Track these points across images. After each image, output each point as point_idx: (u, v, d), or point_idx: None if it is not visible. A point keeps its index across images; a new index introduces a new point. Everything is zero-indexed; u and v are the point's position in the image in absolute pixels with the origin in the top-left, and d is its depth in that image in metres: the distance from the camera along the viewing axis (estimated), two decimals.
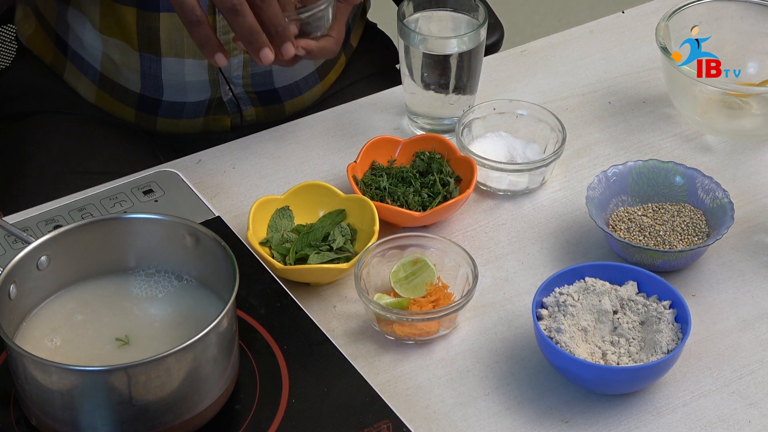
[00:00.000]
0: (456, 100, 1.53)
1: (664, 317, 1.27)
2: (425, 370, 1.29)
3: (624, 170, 1.43)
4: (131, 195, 1.42)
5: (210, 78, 1.63)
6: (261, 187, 1.49)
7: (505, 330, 1.33)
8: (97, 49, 1.63)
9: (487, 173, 1.47)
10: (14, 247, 1.35)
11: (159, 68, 1.61)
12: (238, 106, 1.68)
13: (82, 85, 1.68)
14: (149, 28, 1.58)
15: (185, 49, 1.60)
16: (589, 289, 1.30)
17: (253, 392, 1.21)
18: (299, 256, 1.37)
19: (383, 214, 1.40)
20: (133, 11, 1.57)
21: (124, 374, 1.10)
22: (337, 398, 1.21)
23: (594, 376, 1.24)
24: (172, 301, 1.23)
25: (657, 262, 1.36)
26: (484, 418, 1.25)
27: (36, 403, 1.14)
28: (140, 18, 1.57)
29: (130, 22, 1.58)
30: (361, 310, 1.35)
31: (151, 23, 1.57)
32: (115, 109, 1.69)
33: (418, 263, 1.35)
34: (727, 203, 1.39)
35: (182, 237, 1.23)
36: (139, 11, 1.57)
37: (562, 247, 1.42)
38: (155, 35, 1.58)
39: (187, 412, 1.15)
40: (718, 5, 1.59)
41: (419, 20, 1.53)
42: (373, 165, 1.47)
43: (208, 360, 1.14)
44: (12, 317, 1.18)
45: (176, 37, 1.58)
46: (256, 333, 1.27)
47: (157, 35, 1.58)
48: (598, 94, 1.63)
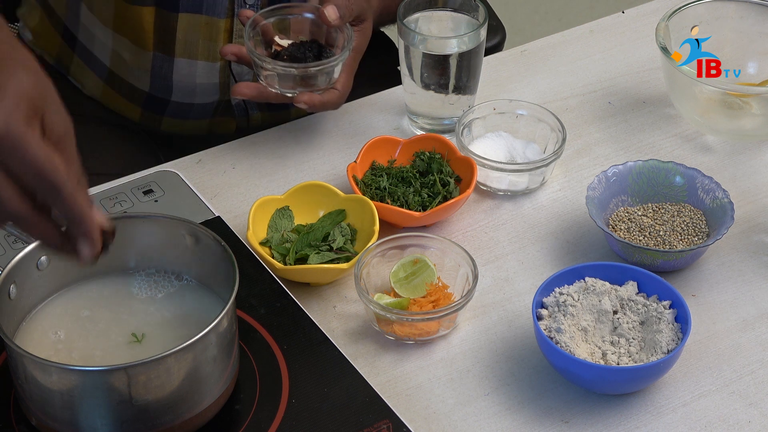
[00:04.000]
0: (456, 100, 1.53)
1: (664, 317, 1.27)
2: (425, 370, 1.29)
3: (624, 170, 1.43)
4: (131, 195, 1.42)
5: (220, 81, 1.63)
6: (261, 187, 1.49)
7: (505, 330, 1.33)
8: (107, 45, 1.63)
9: (487, 173, 1.47)
10: (14, 247, 1.35)
11: (171, 69, 1.62)
12: (245, 110, 1.68)
13: (88, 80, 1.68)
14: (166, 29, 1.58)
15: (199, 51, 1.60)
16: (589, 289, 1.30)
17: (253, 392, 1.21)
18: (299, 256, 1.37)
19: (383, 214, 1.40)
20: (151, 11, 1.57)
21: (124, 374, 1.10)
22: (337, 398, 1.21)
23: (594, 376, 1.24)
24: (172, 301, 1.23)
25: (657, 262, 1.36)
26: (484, 418, 1.25)
27: (36, 403, 1.14)
28: (158, 17, 1.57)
29: (148, 22, 1.58)
30: (361, 310, 1.35)
31: (169, 23, 1.57)
32: (120, 106, 1.69)
33: (418, 263, 1.35)
34: (727, 203, 1.39)
35: (182, 237, 1.23)
36: (158, 10, 1.57)
37: (562, 247, 1.42)
38: (171, 35, 1.58)
39: (187, 412, 1.15)
40: (718, 5, 1.59)
41: (419, 20, 1.53)
42: (373, 165, 1.47)
43: (208, 360, 1.14)
44: (12, 317, 1.18)
45: (191, 39, 1.59)
46: (256, 333, 1.27)
47: (173, 35, 1.58)
48: (598, 94, 1.63)
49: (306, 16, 1.49)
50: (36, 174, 1.01)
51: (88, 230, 1.05)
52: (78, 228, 1.05)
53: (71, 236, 1.06)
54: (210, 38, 1.59)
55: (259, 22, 1.47)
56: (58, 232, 1.06)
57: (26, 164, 1.01)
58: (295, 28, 1.50)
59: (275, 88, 1.46)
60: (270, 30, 1.49)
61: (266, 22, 1.48)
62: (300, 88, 1.45)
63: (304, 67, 1.44)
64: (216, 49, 1.60)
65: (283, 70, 1.44)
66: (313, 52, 1.46)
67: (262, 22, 1.48)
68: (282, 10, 1.49)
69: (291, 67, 1.44)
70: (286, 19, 1.49)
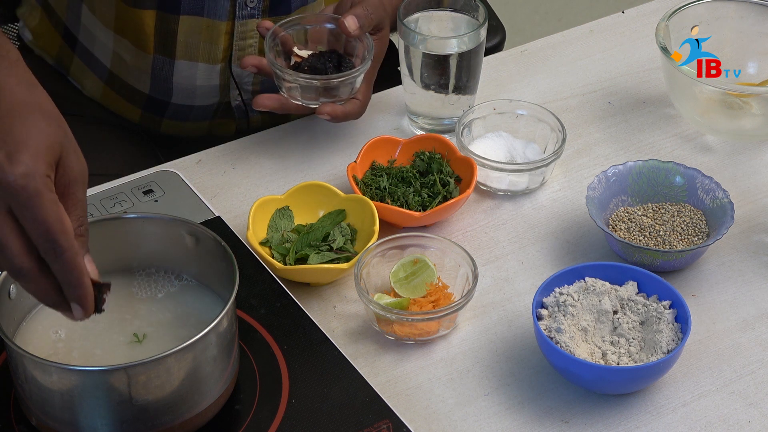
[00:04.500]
0: (456, 100, 1.53)
1: (664, 317, 1.27)
2: (425, 370, 1.29)
3: (624, 170, 1.43)
4: (131, 195, 1.42)
5: (221, 83, 1.63)
6: (261, 187, 1.49)
7: (505, 330, 1.33)
8: (108, 47, 1.63)
9: (487, 173, 1.47)
10: None
11: (171, 71, 1.62)
12: (245, 112, 1.68)
13: (88, 81, 1.68)
14: (167, 31, 1.58)
15: (199, 53, 1.60)
16: (589, 289, 1.30)
17: (253, 392, 1.21)
18: (299, 256, 1.37)
19: (383, 214, 1.40)
20: (152, 14, 1.57)
21: (124, 374, 1.10)
22: (337, 398, 1.21)
23: (594, 376, 1.24)
24: (172, 301, 1.23)
25: (657, 262, 1.36)
26: (484, 418, 1.25)
27: (36, 403, 1.14)
28: (159, 20, 1.57)
29: (149, 25, 1.57)
30: (361, 310, 1.35)
31: (170, 25, 1.57)
32: (120, 108, 1.69)
33: (418, 263, 1.35)
34: (727, 203, 1.39)
35: (182, 237, 1.23)
36: (159, 13, 1.57)
37: (562, 247, 1.42)
38: (172, 38, 1.58)
39: (187, 412, 1.15)
40: (718, 5, 1.59)
41: (419, 20, 1.53)
42: (373, 165, 1.47)
43: (208, 360, 1.14)
44: (12, 317, 1.18)
45: (192, 41, 1.59)
46: (256, 333, 1.27)
47: (174, 38, 1.58)
48: (598, 94, 1.63)
49: (325, 27, 1.49)
50: (44, 234, 1.03)
51: (82, 296, 1.06)
52: (73, 292, 1.06)
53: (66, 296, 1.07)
54: (211, 40, 1.59)
55: (278, 33, 1.47)
56: (57, 290, 1.06)
57: (37, 222, 1.03)
58: (313, 38, 1.50)
59: (297, 100, 1.46)
60: (289, 41, 1.48)
61: (285, 33, 1.48)
62: (322, 99, 1.45)
63: (326, 78, 1.44)
64: (216, 52, 1.60)
65: (305, 82, 1.44)
66: (333, 62, 1.46)
67: (281, 33, 1.48)
68: (301, 20, 1.49)
69: (314, 79, 1.44)
70: (305, 30, 1.49)
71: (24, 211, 1.03)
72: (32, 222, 1.03)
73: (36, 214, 1.02)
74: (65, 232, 1.04)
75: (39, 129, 1.05)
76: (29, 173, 1.02)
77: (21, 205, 1.02)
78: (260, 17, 1.57)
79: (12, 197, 1.02)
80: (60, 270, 1.05)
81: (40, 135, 1.05)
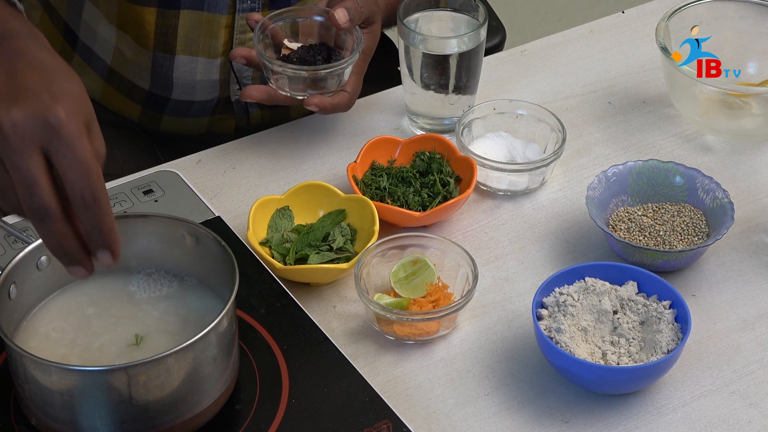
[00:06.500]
0: (456, 100, 1.53)
1: (664, 317, 1.27)
2: (425, 370, 1.29)
3: (624, 170, 1.43)
4: (131, 195, 1.42)
5: (221, 77, 1.63)
6: (261, 187, 1.49)
7: (505, 330, 1.33)
8: (110, 42, 1.64)
9: (487, 173, 1.47)
10: (14, 247, 1.35)
11: (171, 66, 1.62)
12: (245, 108, 1.68)
13: (88, 78, 1.68)
14: (168, 27, 1.58)
15: (200, 48, 1.60)
16: (589, 289, 1.30)
17: (253, 392, 1.21)
18: (299, 256, 1.37)
19: (383, 214, 1.40)
20: (153, 11, 1.57)
21: (124, 374, 1.10)
22: (337, 398, 1.21)
23: (594, 376, 1.24)
24: (172, 301, 1.23)
25: (657, 262, 1.36)
26: (484, 418, 1.25)
27: (36, 403, 1.14)
28: (160, 17, 1.57)
29: (149, 22, 1.58)
30: (361, 310, 1.35)
31: (171, 21, 1.58)
32: (120, 106, 1.69)
33: (418, 263, 1.35)
34: (727, 203, 1.39)
35: (182, 237, 1.23)
36: (159, 10, 1.57)
37: (562, 247, 1.42)
38: (173, 33, 1.58)
39: (187, 412, 1.15)
40: (718, 5, 1.59)
41: (419, 20, 1.53)
42: (373, 165, 1.47)
43: (208, 360, 1.14)
44: (12, 317, 1.18)
45: (193, 35, 1.59)
46: (256, 333, 1.27)
47: (174, 33, 1.58)
48: (598, 94, 1.63)
49: (315, 19, 1.49)
50: (84, 173, 1.01)
51: (114, 240, 1.04)
52: (105, 237, 1.03)
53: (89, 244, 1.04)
54: (211, 35, 1.59)
55: (268, 26, 1.48)
56: (75, 237, 1.04)
57: (79, 162, 1.01)
58: (304, 31, 1.50)
59: (285, 91, 1.46)
60: (279, 33, 1.49)
61: (275, 26, 1.48)
62: (310, 90, 1.46)
63: (314, 69, 1.44)
64: (216, 46, 1.60)
65: (293, 73, 1.44)
66: (323, 54, 1.47)
67: (271, 25, 1.48)
68: (291, 13, 1.49)
69: (301, 70, 1.44)
70: (295, 23, 1.49)
71: (65, 149, 1.00)
72: (73, 161, 1.01)
73: (78, 153, 1.00)
74: (101, 177, 1.02)
75: (80, 88, 1.05)
76: (70, 115, 1.01)
77: (64, 143, 1.00)
78: (261, 10, 1.57)
79: (54, 134, 1.00)
80: (93, 214, 1.02)
81: (81, 94, 1.05)
